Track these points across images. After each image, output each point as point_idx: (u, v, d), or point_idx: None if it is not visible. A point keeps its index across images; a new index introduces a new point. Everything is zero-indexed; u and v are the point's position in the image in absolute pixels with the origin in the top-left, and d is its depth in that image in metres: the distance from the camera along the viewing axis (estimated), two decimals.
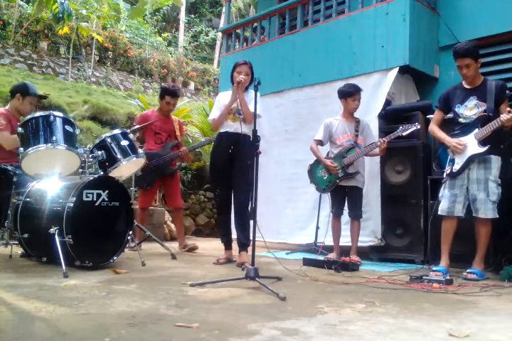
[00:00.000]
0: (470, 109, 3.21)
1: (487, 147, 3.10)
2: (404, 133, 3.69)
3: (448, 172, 3.25)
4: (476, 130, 3.15)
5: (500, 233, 3.36)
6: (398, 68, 4.32)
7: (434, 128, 3.43)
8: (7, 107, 3.69)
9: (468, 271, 3.12)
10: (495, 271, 3.26)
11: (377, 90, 4.36)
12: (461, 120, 3.26)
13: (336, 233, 3.96)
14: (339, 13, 5.05)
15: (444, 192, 3.25)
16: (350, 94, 3.93)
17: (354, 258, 3.70)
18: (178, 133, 4.50)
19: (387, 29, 4.47)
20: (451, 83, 3.72)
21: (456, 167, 3.20)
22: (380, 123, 4.23)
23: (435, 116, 3.48)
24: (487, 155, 3.13)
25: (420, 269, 3.48)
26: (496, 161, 3.14)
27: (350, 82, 4.59)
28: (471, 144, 3.16)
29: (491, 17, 4.35)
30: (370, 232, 4.09)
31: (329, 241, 4.10)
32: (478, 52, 3.24)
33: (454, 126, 3.35)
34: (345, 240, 4.19)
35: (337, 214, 3.93)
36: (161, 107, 4.48)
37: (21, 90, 3.63)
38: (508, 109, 3.03)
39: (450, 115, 3.47)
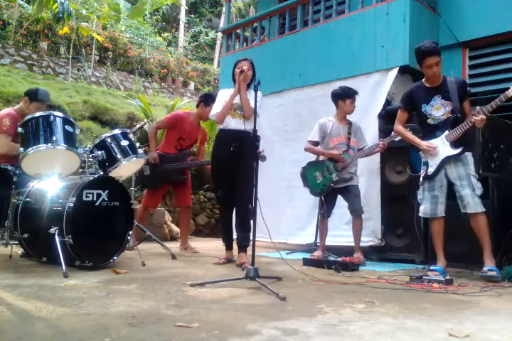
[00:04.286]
0: (437, 109, 3.21)
1: (460, 149, 3.12)
2: (397, 139, 3.69)
3: (423, 175, 3.26)
4: (447, 132, 3.16)
5: (500, 232, 3.36)
6: (398, 68, 4.31)
7: (401, 129, 3.42)
8: (16, 107, 3.70)
9: (487, 268, 3.00)
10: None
11: (377, 90, 4.36)
12: (429, 121, 3.25)
13: (323, 232, 3.99)
14: (339, 13, 5.05)
15: (425, 195, 3.26)
16: (348, 96, 3.91)
17: (359, 256, 3.71)
18: (199, 142, 4.43)
19: (387, 29, 4.47)
20: None
21: (431, 170, 3.21)
22: (380, 123, 4.23)
23: (399, 117, 3.44)
24: (462, 154, 3.15)
25: (420, 269, 3.48)
26: (471, 157, 3.17)
27: (349, 82, 4.60)
28: (442, 146, 3.17)
29: (491, 17, 4.36)
30: (370, 232, 4.08)
31: (329, 241, 4.10)
32: None
33: (421, 126, 3.34)
34: (346, 240, 4.19)
35: (325, 216, 3.95)
36: (202, 114, 4.36)
37: (30, 94, 3.65)
38: (478, 108, 3.04)
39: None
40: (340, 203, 4.00)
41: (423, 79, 3.33)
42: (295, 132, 5.06)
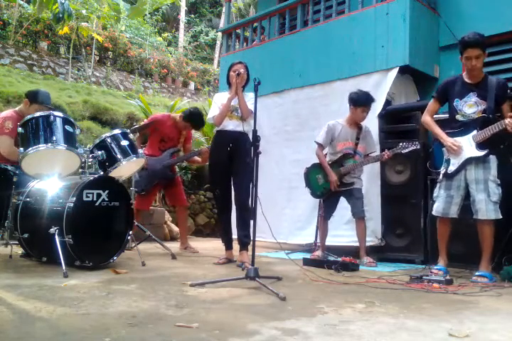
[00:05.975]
0: (469, 106, 3.10)
1: (486, 151, 3.02)
2: (403, 151, 3.68)
3: (443, 172, 3.19)
4: (475, 131, 3.07)
5: (500, 233, 3.35)
6: (398, 68, 4.31)
7: (429, 121, 3.28)
8: (17, 109, 3.69)
9: (477, 274, 3.01)
10: (495, 271, 3.25)
11: (377, 90, 4.36)
12: (458, 117, 3.16)
13: (322, 233, 4.02)
14: (339, 13, 5.05)
15: (440, 193, 3.19)
16: (361, 105, 3.84)
17: (369, 259, 3.71)
18: (181, 140, 4.46)
19: (387, 29, 4.47)
20: None
21: (452, 168, 3.13)
22: (380, 123, 4.23)
23: (430, 107, 3.31)
24: (486, 157, 3.06)
25: (420, 269, 3.48)
26: (494, 161, 3.07)
27: (350, 82, 4.60)
28: (468, 146, 3.08)
29: (491, 17, 4.35)
30: (370, 232, 4.08)
31: (329, 241, 4.10)
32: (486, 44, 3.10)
33: (449, 121, 3.24)
34: (346, 240, 4.20)
35: (325, 218, 3.96)
36: (180, 125, 4.40)
37: (30, 96, 3.61)
38: (511, 114, 2.96)
39: (443, 115, 3.40)
40: (341, 204, 4.01)
41: (463, 73, 3.20)
42: (295, 132, 5.06)
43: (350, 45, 4.75)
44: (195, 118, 4.37)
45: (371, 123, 4.21)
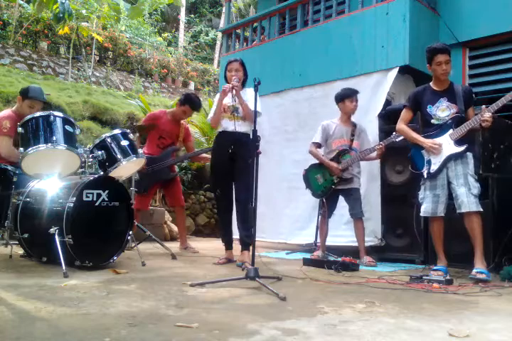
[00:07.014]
0: (442, 110, 3.24)
1: (465, 146, 3.12)
2: (397, 139, 3.70)
3: (426, 173, 3.25)
4: (451, 131, 3.18)
5: (500, 232, 3.35)
6: (398, 68, 4.32)
7: (404, 128, 3.41)
8: (14, 107, 3.69)
9: (476, 270, 3.00)
10: (495, 271, 3.24)
11: (377, 90, 4.36)
12: (433, 121, 3.27)
13: (323, 233, 4.03)
14: (339, 13, 5.05)
15: (426, 194, 3.26)
16: (347, 96, 3.93)
17: (368, 259, 3.73)
18: (181, 138, 4.44)
19: (387, 29, 4.47)
20: None
21: (434, 167, 3.21)
22: (380, 123, 4.23)
23: (404, 116, 3.44)
24: (464, 153, 3.16)
25: (420, 269, 3.48)
26: (471, 158, 3.18)
27: (350, 82, 4.60)
28: (446, 144, 3.18)
29: (491, 17, 4.36)
30: (370, 232, 4.09)
31: (329, 241, 4.10)
32: None
33: (424, 126, 3.35)
34: (346, 240, 4.20)
35: (325, 216, 3.97)
36: (177, 113, 4.38)
37: (22, 93, 3.62)
38: (483, 107, 3.07)
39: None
40: (341, 204, 4.01)
41: (430, 83, 3.35)
42: (295, 132, 5.07)
43: (350, 45, 4.75)
44: (191, 99, 4.33)
45: (371, 123, 4.21)
